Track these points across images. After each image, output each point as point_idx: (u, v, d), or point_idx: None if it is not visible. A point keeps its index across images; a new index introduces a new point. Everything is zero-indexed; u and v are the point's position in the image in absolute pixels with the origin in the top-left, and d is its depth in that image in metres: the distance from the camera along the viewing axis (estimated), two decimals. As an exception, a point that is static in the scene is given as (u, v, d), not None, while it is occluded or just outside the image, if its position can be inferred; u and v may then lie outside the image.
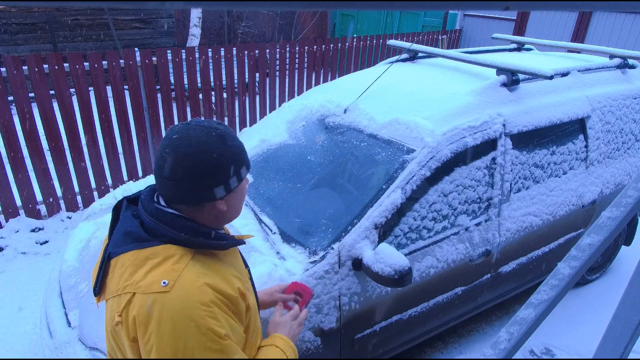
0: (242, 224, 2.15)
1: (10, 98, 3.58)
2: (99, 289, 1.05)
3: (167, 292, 0.94)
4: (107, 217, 2.33)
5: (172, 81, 4.41)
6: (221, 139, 1.02)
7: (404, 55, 3.11)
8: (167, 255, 0.99)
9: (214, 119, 4.83)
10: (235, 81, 4.88)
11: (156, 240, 1.01)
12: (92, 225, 2.40)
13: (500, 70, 2.49)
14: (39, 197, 3.90)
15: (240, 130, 4.93)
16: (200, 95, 4.63)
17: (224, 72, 4.78)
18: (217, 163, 1.00)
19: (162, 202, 1.07)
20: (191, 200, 1.03)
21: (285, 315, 1.39)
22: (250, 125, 4.62)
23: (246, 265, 1.28)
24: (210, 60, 4.55)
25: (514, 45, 3.73)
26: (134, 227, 1.03)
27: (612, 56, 3.22)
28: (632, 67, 3.21)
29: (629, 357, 1.06)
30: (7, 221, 3.77)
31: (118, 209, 1.12)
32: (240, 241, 1.13)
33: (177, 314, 0.93)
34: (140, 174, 4.40)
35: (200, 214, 1.07)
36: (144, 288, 0.95)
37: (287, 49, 5.22)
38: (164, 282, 0.95)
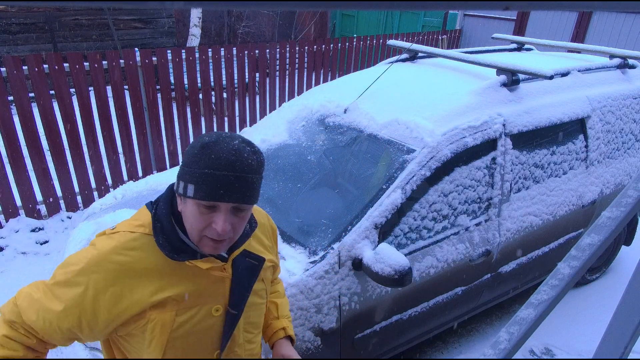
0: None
1: (10, 98, 3.57)
2: None
3: (103, 234, 1.10)
4: (107, 217, 2.33)
5: (172, 81, 4.40)
6: (202, 146, 0.98)
7: (404, 55, 3.11)
8: (137, 217, 1.11)
9: (214, 119, 4.83)
10: (235, 81, 4.88)
11: (151, 207, 1.11)
12: (92, 225, 2.40)
13: (500, 70, 2.49)
14: (39, 197, 3.90)
15: (240, 130, 4.93)
16: (200, 95, 4.63)
17: (224, 72, 4.78)
18: (185, 156, 1.02)
19: None
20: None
21: None
22: (250, 125, 4.61)
23: (235, 307, 1.13)
24: (210, 60, 4.55)
25: (514, 45, 3.73)
26: (161, 194, 1.14)
27: (612, 56, 3.22)
28: (632, 67, 3.21)
29: (629, 357, 1.06)
30: (7, 221, 3.77)
31: None
32: (181, 258, 1.04)
33: (88, 248, 1.07)
34: (140, 173, 4.40)
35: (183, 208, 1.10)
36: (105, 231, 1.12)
37: (287, 49, 5.22)
38: (112, 227, 1.10)
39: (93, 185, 4.16)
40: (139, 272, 1.03)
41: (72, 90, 3.73)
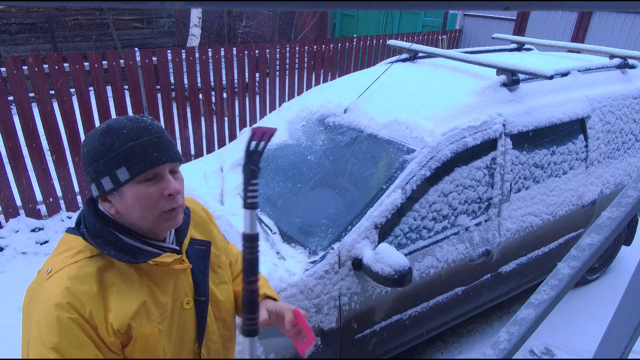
0: (242, 224, 2.15)
1: (10, 98, 3.57)
2: None
3: (42, 281, 0.96)
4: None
5: (172, 81, 4.40)
6: (103, 132, 0.95)
7: (404, 55, 3.11)
8: (69, 247, 0.99)
9: (214, 119, 4.82)
10: (235, 81, 4.88)
11: (77, 231, 1.01)
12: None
13: (500, 70, 2.49)
14: (39, 197, 3.90)
15: (240, 130, 4.93)
16: (200, 95, 4.63)
17: (224, 72, 4.78)
18: (86, 157, 0.96)
19: None
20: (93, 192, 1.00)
21: None
22: (250, 125, 4.62)
23: (203, 294, 1.11)
24: (210, 60, 4.55)
25: (514, 45, 3.73)
26: (80, 215, 1.04)
27: (612, 56, 3.22)
28: (632, 67, 3.21)
29: (629, 357, 1.06)
30: (7, 221, 3.77)
31: None
32: (141, 260, 0.98)
33: (35, 304, 0.95)
34: (140, 174, 4.39)
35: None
36: (41, 269, 0.99)
37: (287, 49, 5.22)
38: (48, 271, 0.95)
39: (93, 185, 4.16)
40: (105, 294, 0.96)
41: (72, 90, 3.73)
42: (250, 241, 1.05)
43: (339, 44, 5.97)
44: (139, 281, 1.00)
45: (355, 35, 6.26)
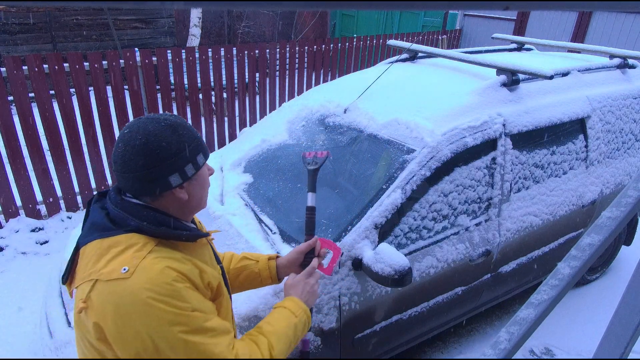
0: (242, 224, 2.15)
1: (10, 98, 3.57)
2: (67, 277, 1.09)
3: (126, 279, 0.95)
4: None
5: (172, 81, 4.41)
6: (171, 128, 1.04)
7: (404, 55, 3.11)
8: (130, 244, 1.00)
9: (214, 119, 4.83)
10: (235, 81, 4.88)
11: (120, 230, 1.03)
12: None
13: (500, 70, 2.49)
14: (39, 197, 3.90)
15: (240, 130, 4.93)
16: (200, 95, 4.63)
17: (224, 72, 4.78)
18: (167, 151, 1.03)
19: (129, 195, 1.09)
20: (150, 191, 1.05)
21: (299, 275, 1.39)
22: (250, 125, 4.62)
23: (219, 262, 1.27)
24: (210, 60, 4.55)
25: (514, 45, 3.73)
26: (99, 218, 1.06)
27: (612, 56, 3.22)
28: (632, 67, 3.21)
29: (629, 357, 1.06)
30: (7, 221, 3.77)
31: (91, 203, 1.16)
32: (203, 233, 1.13)
33: (136, 297, 0.94)
34: (140, 174, 4.40)
35: (164, 205, 1.09)
36: (105, 275, 0.96)
37: (287, 49, 5.22)
38: (124, 269, 0.96)
39: (93, 185, 4.16)
40: (192, 262, 1.07)
41: (72, 90, 3.73)
42: (311, 211, 1.60)
43: (339, 44, 5.97)
44: (190, 257, 1.09)
45: (355, 35, 6.26)
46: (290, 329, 1.22)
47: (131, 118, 4.16)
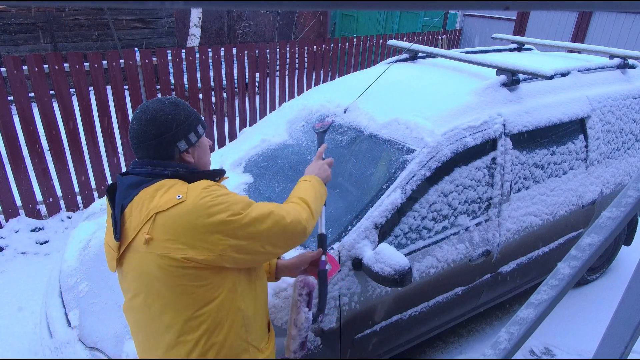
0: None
1: (10, 98, 3.57)
2: (119, 235, 1.20)
3: (184, 201, 1.13)
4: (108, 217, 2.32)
5: (172, 81, 4.40)
6: (173, 105, 1.26)
7: (404, 55, 3.11)
8: (172, 184, 1.19)
9: (214, 118, 4.83)
10: (235, 81, 4.88)
11: (159, 178, 1.21)
12: (92, 225, 2.40)
13: (500, 70, 2.49)
14: (39, 197, 3.90)
15: (240, 130, 4.93)
16: (200, 95, 4.63)
17: (224, 72, 4.78)
18: (172, 122, 1.24)
19: None
20: (164, 156, 1.24)
21: (313, 161, 1.67)
22: (250, 125, 4.62)
23: None
24: (210, 60, 4.55)
25: (514, 45, 3.73)
26: (135, 179, 1.22)
27: (612, 56, 3.22)
28: (632, 67, 3.21)
29: (629, 357, 1.06)
30: (7, 221, 3.77)
31: (111, 192, 1.29)
32: (221, 170, 1.35)
33: (198, 206, 1.13)
34: (140, 174, 4.39)
35: None
36: (163, 205, 1.14)
37: (287, 49, 5.22)
38: (179, 196, 1.14)
39: (93, 185, 4.16)
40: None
41: (72, 90, 3.73)
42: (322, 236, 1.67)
43: (339, 44, 5.97)
44: None
45: (355, 35, 6.26)
46: (310, 188, 1.48)
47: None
